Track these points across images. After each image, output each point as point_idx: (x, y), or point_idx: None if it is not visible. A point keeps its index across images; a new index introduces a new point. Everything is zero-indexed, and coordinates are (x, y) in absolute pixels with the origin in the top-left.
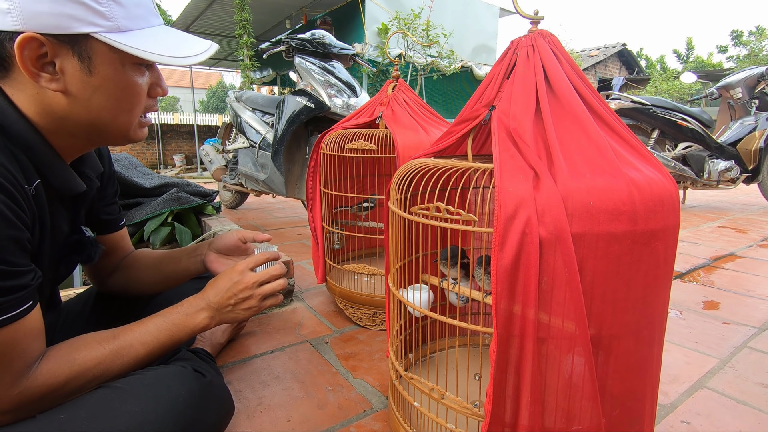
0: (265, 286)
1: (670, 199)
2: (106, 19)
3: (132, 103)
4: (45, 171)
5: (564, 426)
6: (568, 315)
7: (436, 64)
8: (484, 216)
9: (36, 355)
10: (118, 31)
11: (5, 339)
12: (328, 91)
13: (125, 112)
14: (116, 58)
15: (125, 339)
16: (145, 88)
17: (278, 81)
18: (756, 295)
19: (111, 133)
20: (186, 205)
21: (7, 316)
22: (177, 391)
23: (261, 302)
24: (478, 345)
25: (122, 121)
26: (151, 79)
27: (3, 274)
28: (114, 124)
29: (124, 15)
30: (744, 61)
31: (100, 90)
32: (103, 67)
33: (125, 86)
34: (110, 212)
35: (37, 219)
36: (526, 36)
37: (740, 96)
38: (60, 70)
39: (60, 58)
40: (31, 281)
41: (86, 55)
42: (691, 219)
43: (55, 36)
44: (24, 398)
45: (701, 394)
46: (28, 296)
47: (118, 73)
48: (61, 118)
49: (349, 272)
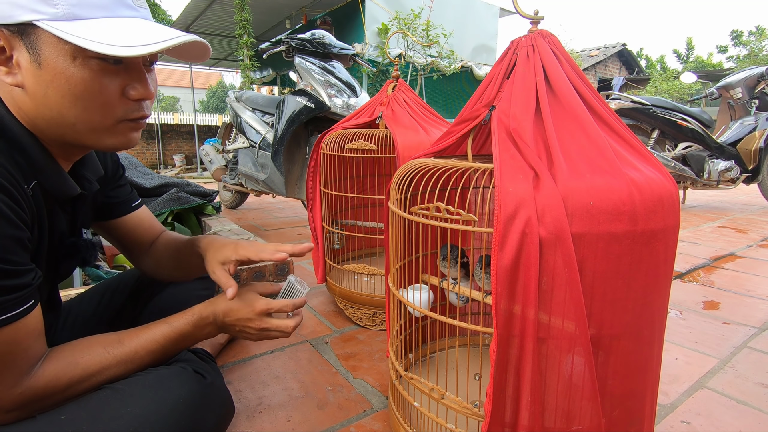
0: (271, 332)
1: (670, 199)
2: (52, 6)
3: (95, 103)
4: (38, 173)
5: (564, 426)
6: (568, 315)
7: (436, 64)
8: (484, 216)
9: (38, 355)
10: (66, 19)
11: (7, 338)
12: (328, 91)
13: (90, 112)
14: (66, 50)
15: (130, 345)
16: (114, 88)
17: (278, 81)
18: (756, 295)
19: (83, 135)
20: (186, 205)
21: (9, 315)
22: (178, 392)
23: (262, 339)
24: (478, 345)
25: (92, 123)
26: (126, 77)
27: (4, 273)
28: (81, 125)
29: (76, 2)
30: (744, 61)
31: (52, 85)
32: (51, 59)
33: (79, 82)
34: (116, 195)
35: (36, 219)
36: (526, 36)
37: (740, 96)
38: (17, 63)
39: (16, 51)
40: (32, 280)
41: (33, 46)
42: (691, 219)
43: (7, 26)
44: (25, 398)
45: (701, 394)
46: (29, 295)
47: (68, 67)
48: (33, 118)
49: (349, 272)
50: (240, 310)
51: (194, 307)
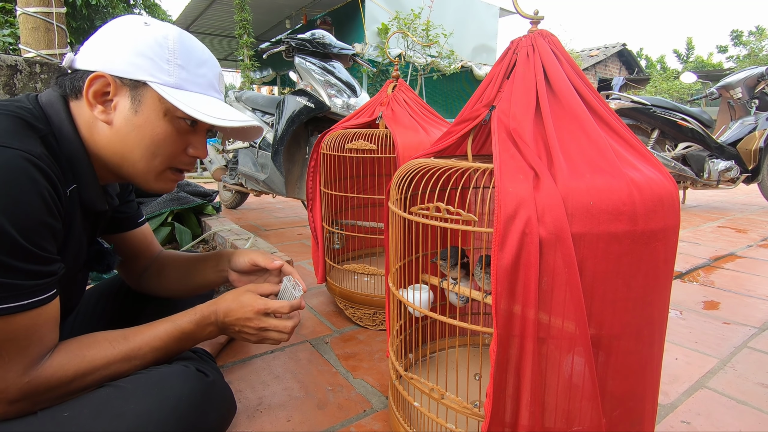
0: (269, 332)
1: (670, 199)
2: (167, 75)
3: (161, 149)
4: (80, 182)
5: (564, 426)
6: (568, 315)
7: (436, 64)
8: (484, 216)
9: (50, 345)
10: (172, 87)
11: (28, 323)
12: (328, 91)
13: (152, 156)
14: (161, 107)
15: (135, 342)
16: (181, 143)
17: (278, 81)
18: (756, 295)
19: (135, 171)
20: (186, 205)
21: (34, 300)
22: (180, 390)
23: (262, 340)
24: (478, 345)
25: (148, 164)
26: (192, 139)
27: (38, 258)
28: (140, 164)
29: (185, 78)
30: (744, 61)
31: (138, 129)
32: (147, 110)
33: (159, 132)
34: (126, 210)
35: (67, 220)
36: (526, 36)
37: (740, 96)
38: (114, 106)
39: (119, 96)
40: (58, 270)
41: (138, 98)
42: (691, 219)
43: (122, 79)
44: (32, 388)
45: (701, 394)
46: (53, 284)
47: (158, 119)
48: (101, 147)
49: (349, 272)
50: (239, 309)
51: (197, 307)
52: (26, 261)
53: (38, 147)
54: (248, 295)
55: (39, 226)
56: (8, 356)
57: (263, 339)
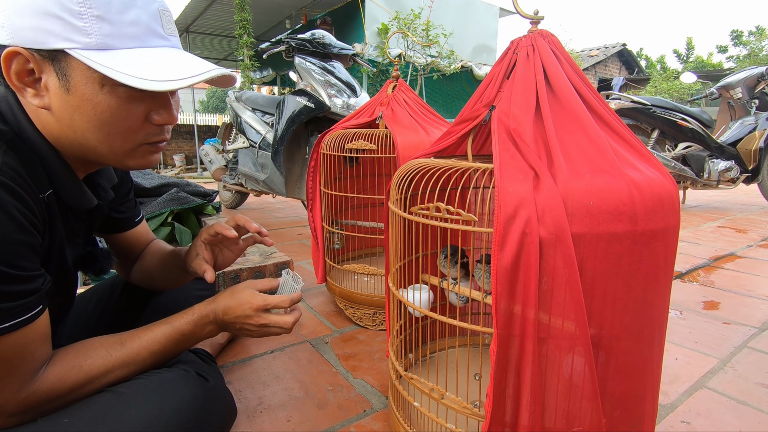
0: (271, 329)
1: (670, 199)
2: (85, 36)
3: (120, 128)
4: (56, 184)
5: (564, 426)
6: (568, 315)
7: (436, 64)
8: (484, 216)
9: (43, 360)
10: (97, 49)
11: (15, 343)
12: (328, 91)
13: (113, 137)
14: (94, 78)
15: (132, 346)
16: (137, 113)
17: (278, 81)
18: (756, 295)
19: (102, 157)
20: (186, 205)
21: (17, 321)
22: (181, 395)
23: (263, 336)
24: (478, 345)
25: (113, 147)
26: (151, 104)
27: (14, 278)
28: (103, 148)
29: (109, 32)
30: (744, 61)
31: (79, 111)
32: (80, 86)
33: (105, 109)
34: (124, 210)
35: (48, 226)
36: (526, 36)
37: (740, 96)
38: (44, 86)
39: (45, 74)
40: (41, 286)
41: (63, 72)
42: (691, 219)
43: (39, 51)
44: (30, 402)
45: (701, 394)
46: (38, 301)
47: (96, 94)
48: (55, 138)
49: (349, 272)
50: (238, 307)
51: (194, 307)
52: (4, 283)
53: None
54: (247, 291)
55: (11, 246)
56: (1, 376)
57: (265, 335)
